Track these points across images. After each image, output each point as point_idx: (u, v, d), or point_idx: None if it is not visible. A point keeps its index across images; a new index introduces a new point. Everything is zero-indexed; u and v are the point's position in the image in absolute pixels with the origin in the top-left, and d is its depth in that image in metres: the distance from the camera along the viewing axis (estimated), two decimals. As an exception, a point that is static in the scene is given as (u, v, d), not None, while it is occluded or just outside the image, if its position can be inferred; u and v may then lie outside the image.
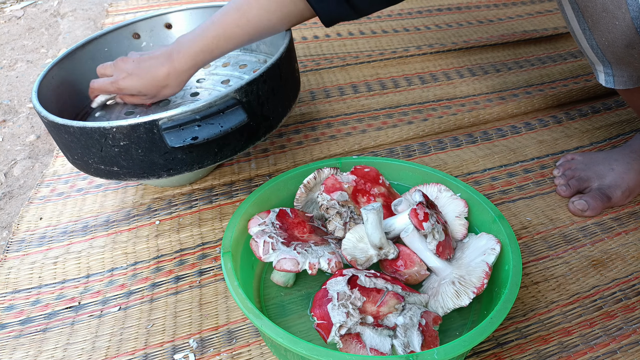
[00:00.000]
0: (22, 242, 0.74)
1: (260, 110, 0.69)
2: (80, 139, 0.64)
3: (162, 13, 0.92)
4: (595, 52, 0.61)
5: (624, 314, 0.61)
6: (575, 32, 0.62)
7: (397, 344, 0.48)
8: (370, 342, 0.48)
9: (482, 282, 0.54)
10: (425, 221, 0.57)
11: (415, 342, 0.49)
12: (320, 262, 0.56)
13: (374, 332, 0.49)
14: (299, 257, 0.55)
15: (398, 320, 0.50)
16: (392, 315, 0.51)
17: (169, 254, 0.71)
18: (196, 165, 0.67)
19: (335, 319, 0.49)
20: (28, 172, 0.91)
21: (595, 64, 0.65)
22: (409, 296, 0.54)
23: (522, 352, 0.58)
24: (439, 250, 0.58)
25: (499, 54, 1.17)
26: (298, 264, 0.55)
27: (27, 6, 1.52)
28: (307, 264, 0.55)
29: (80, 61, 0.83)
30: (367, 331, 0.49)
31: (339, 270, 0.56)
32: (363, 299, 0.52)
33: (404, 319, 0.50)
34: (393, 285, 0.55)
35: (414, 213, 0.58)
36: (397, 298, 0.53)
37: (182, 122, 0.61)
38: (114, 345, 0.60)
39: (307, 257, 0.56)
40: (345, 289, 0.52)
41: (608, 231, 0.72)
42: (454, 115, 0.95)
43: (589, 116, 0.96)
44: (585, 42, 0.61)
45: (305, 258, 0.56)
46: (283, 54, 0.71)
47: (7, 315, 0.64)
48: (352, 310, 0.50)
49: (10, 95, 1.13)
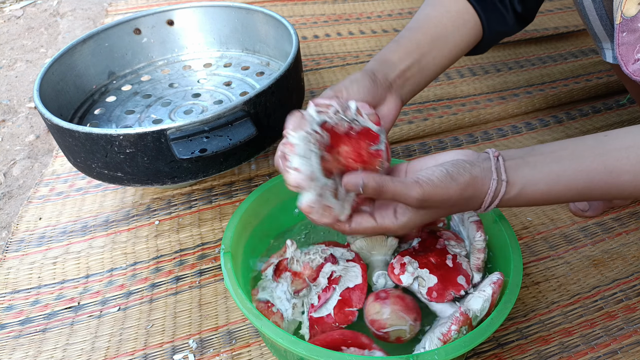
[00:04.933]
0: (21, 242, 0.74)
1: (267, 122, 0.69)
2: (85, 144, 0.63)
3: (165, 10, 0.91)
4: (603, 24, 0.60)
5: (625, 314, 0.61)
6: (584, 4, 0.61)
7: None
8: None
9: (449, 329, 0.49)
10: (402, 274, 0.55)
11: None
12: None
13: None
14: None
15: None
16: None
17: (169, 254, 0.71)
18: (201, 174, 0.67)
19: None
20: (27, 172, 0.91)
21: (602, 41, 0.63)
22: None
23: (523, 353, 0.57)
24: (432, 296, 0.54)
25: (499, 54, 1.16)
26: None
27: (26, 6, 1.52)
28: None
29: (80, 57, 0.83)
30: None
31: None
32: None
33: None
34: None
35: (390, 268, 0.57)
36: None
37: (190, 133, 0.61)
38: (113, 346, 0.59)
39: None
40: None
41: (609, 231, 0.72)
42: (454, 115, 0.95)
43: (590, 116, 0.96)
44: (594, 12, 0.60)
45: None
46: (291, 65, 0.71)
47: (6, 316, 0.64)
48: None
49: (10, 95, 1.13)
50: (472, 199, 0.47)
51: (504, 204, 0.48)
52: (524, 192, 0.47)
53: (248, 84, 0.87)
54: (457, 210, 0.49)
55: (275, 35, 0.87)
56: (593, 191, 0.47)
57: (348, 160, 0.48)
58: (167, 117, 0.81)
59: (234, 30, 0.93)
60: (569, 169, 0.46)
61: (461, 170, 0.46)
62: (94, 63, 0.86)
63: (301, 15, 1.30)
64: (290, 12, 1.31)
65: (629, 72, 0.54)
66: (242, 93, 0.85)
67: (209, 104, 0.83)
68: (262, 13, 0.87)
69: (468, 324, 0.49)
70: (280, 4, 1.34)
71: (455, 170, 0.45)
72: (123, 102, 0.85)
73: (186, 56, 0.95)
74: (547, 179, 0.46)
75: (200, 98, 0.84)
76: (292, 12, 1.30)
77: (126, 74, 0.91)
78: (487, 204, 0.47)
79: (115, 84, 0.89)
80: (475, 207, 0.48)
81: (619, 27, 0.53)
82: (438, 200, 0.45)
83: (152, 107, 0.83)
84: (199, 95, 0.85)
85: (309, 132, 0.45)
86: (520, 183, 0.46)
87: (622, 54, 0.55)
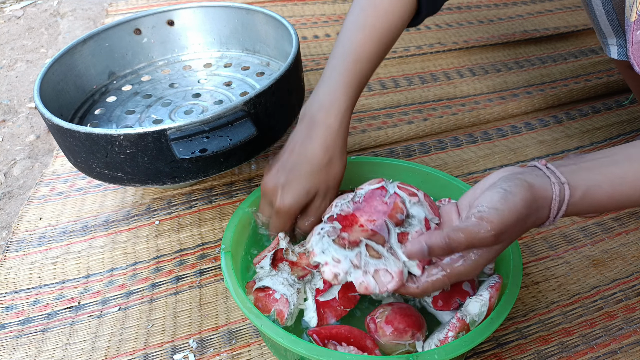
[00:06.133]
0: (21, 242, 0.74)
1: (267, 122, 0.69)
2: (85, 144, 0.63)
3: (165, 10, 0.91)
4: (610, 19, 0.60)
5: (625, 314, 0.61)
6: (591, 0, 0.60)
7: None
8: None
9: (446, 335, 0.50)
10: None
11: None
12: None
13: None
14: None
15: None
16: None
17: (169, 254, 0.71)
18: (201, 174, 0.67)
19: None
20: (28, 172, 0.91)
21: (607, 37, 0.63)
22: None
23: (523, 353, 0.57)
24: (438, 305, 0.53)
25: (499, 54, 1.16)
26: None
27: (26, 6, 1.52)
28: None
29: (81, 57, 0.83)
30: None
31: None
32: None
33: None
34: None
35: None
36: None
37: (190, 133, 0.61)
38: (113, 346, 0.59)
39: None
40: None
41: (609, 231, 0.72)
42: (454, 115, 0.95)
43: (590, 116, 0.96)
44: (601, 7, 0.60)
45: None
46: (291, 65, 0.71)
47: (6, 316, 0.64)
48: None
49: (10, 95, 1.13)
50: (539, 210, 0.42)
51: (571, 210, 0.43)
52: (589, 195, 0.43)
53: (248, 84, 0.87)
54: (528, 228, 0.44)
55: (275, 36, 0.87)
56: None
57: (372, 224, 0.49)
58: (167, 117, 0.81)
59: (234, 31, 0.93)
60: (630, 169, 0.44)
61: (517, 182, 0.41)
62: (94, 63, 0.86)
63: (301, 15, 1.30)
64: (290, 12, 1.31)
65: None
66: (242, 93, 0.85)
67: (209, 104, 0.83)
68: (262, 13, 0.87)
69: (465, 329, 0.49)
70: (280, 4, 1.34)
71: (511, 185, 0.41)
72: (123, 102, 0.85)
73: (186, 56, 0.95)
74: (610, 181, 0.43)
75: (201, 98, 0.84)
76: (292, 12, 1.31)
77: (126, 74, 0.91)
78: (555, 211, 0.43)
79: (115, 84, 0.89)
80: (543, 219, 0.44)
81: (634, 24, 0.52)
82: (510, 225, 0.41)
83: (152, 107, 0.83)
84: (199, 95, 0.85)
85: (318, 232, 0.49)
86: (583, 185, 0.43)
87: (634, 53, 0.54)
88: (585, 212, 0.45)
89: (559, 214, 0.43)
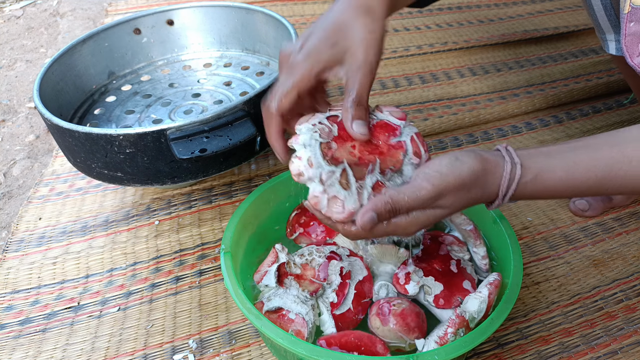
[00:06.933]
0: (21, 242, 0.74)
1: None
2: (85, 144, 0.63)
3: (165, 9, 0.91)
4: (608, 14, 0.60)
5: (625, 315, 0.61)
6: None
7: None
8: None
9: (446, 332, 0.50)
10: (408, 284, 0.54)
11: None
12: None
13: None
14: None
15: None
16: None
17: (169, 254, 0.71)
18: (201, 174, 0.67)
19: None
20: (27, 172, 0.91)
21: (605, 32, 0.63)
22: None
23: (523, 353, 0.57)
24: (439, 304, 0.54)
25: (499, 54, 1.16)
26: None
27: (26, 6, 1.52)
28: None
29: (80, 57, 0.83)
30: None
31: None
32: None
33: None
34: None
35: (395, 278, 0.56)
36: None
37: (190, 132, 0.61)
38: (113, 346, 0.59)
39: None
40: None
41: (609, 231, 0.72)
42: (454, 115, 0.95)
43: (590, 116, 0.96)
44: (599, 2, 0.60)
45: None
46: None
47: (6, 316, 0.64)
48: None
49: (10, 95, 1.13)
50: (487, 185, 0.44)
51: (521, 191, 0.44)
52: (541, 178, 0.44)
53: (248, 84, 0.87)
54: (473, 201, 0.44)
55: (275, 35, 0.87)
56: (613, 180, 0.45)
57: (362, 153, 0.47)
58: (167, 117, 0.81)
59: (234, 30, 0.93)
60: (586, 157, 0.45)
61: (470, 154, 0.43)
62: (94, 63, 0.86)
63: (301, 15, 1.30)
64: (290, 12, 1.31)
65: (634, 64, 0.53)
66: (242, 93, 0.85)
67: (209, 104, 0.83)
68: (262, 13, 0.87)
69: (465, 326, 0.49)
70: (280, 4, 1.34)
71: (463, 154, 0.43)
72: (123, 102, 0.85)
73: (186, 56, 0.95)
74: (564, 166, 0.44)
75: (200, 98, 0.84)
76: (292, 12, 1.30)
77: (126, 73, 0.91)
78: (505, 189, 0.44)
79: (115, 84, 0.89)
80: (492, 195, 0.45)
81: (627, 16, 0.52)
82: (451, 189, 0.42)
83: (152, 107, 0.83)
84: (199, 95, 0.85)
85: (314, 123, 0.46)
86: (535, 168, 0.44)
87: (627, 45, 0.54)
88: (538, 196, 0.46)
89: (508, 193, 0.44)
